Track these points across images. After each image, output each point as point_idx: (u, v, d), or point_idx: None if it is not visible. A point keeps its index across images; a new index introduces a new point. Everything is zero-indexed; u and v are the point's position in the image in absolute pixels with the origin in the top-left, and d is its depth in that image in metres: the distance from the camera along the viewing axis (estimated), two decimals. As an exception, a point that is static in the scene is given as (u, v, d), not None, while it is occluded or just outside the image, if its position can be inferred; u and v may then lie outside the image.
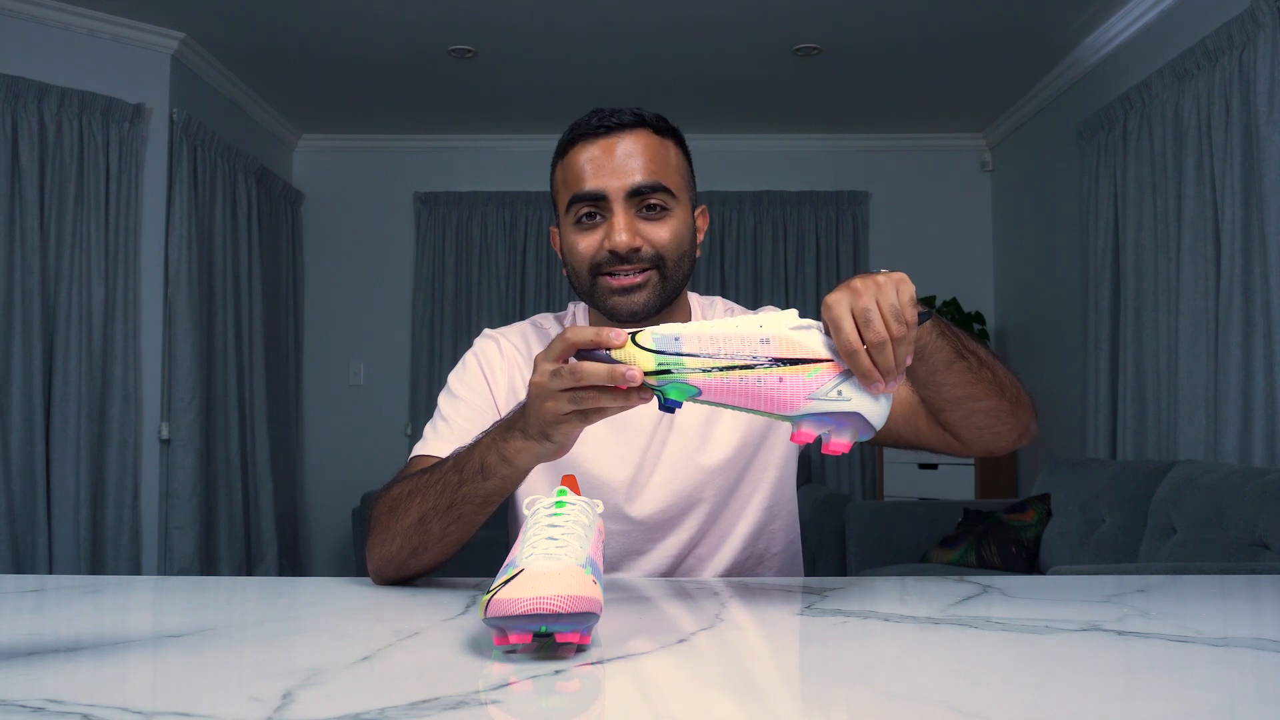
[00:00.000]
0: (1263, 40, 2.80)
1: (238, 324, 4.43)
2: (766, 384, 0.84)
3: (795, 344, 0.84)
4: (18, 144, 3.51)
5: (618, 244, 1.15)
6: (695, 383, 0.84)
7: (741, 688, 0.73)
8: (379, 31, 3.93)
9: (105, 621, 0.98)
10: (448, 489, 1.02)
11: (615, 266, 1.17)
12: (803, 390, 0.84)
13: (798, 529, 1.35)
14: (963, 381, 1.03)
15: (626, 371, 0.84)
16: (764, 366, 0.83)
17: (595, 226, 1.18)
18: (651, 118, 1.21)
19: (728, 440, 1.25)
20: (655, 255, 1.17)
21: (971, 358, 1.03)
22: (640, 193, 1.17)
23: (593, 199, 1.17)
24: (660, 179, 1.18)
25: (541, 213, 5.22)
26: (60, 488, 3.56)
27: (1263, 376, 2.80)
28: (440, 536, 1.05)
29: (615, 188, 1.16)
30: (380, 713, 0.61)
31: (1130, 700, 0.68)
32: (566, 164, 1.21)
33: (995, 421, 1.09)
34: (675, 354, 0.84)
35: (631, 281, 1.17)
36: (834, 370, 0.85)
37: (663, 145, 1.20)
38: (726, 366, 0.83)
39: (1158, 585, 1.20)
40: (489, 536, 1.90)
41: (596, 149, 1.18)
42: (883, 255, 5.26)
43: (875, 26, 3.88)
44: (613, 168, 1.17)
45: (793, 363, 0.84)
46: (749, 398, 0.84)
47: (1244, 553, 2.27)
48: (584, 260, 1.19)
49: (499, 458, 0.98)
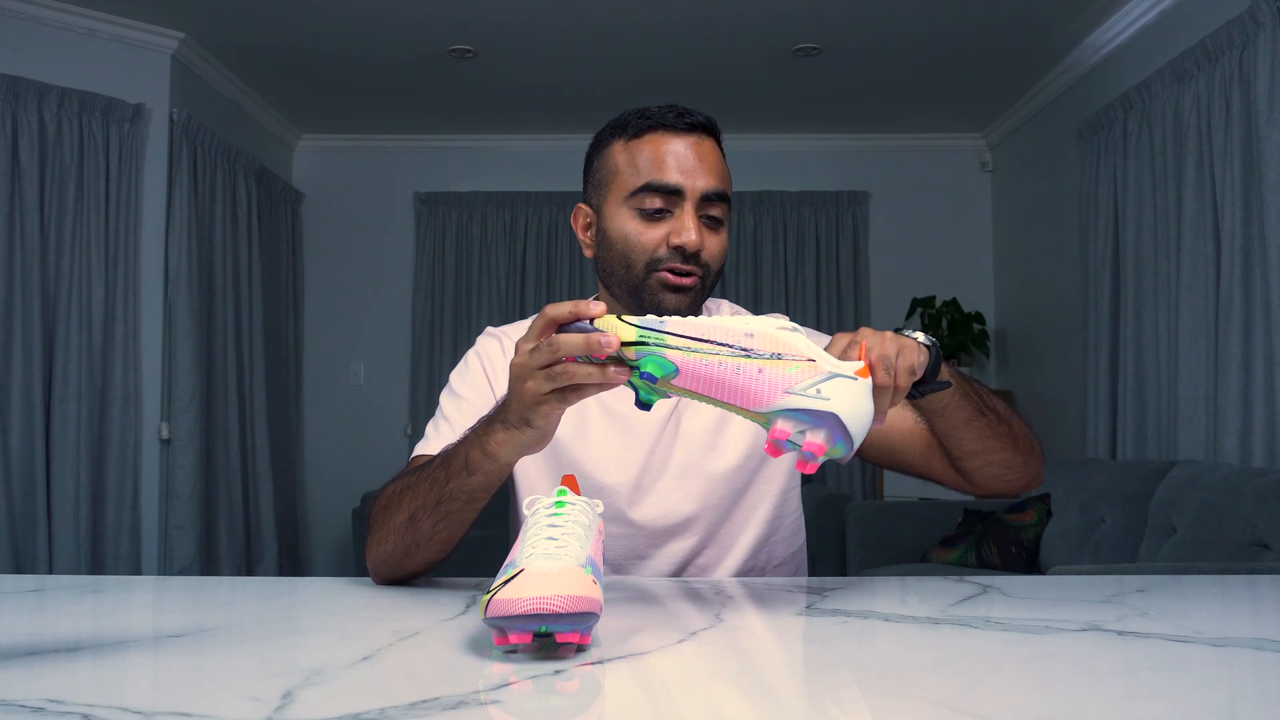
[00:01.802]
0: (1263, 40, 2.80)
1: (238, 324, 4.43)
2: (745, 373, 0.82)
3: (780, 341, 0.84)
4: (18, 144, 3.51)
5: (689, 242, 1.15)
6: (673, 359, 0.83)
7: (742, 688, 0.73)
8: (379, 31, 3.93)
9: (105, 621, 0.98)
10: (435, 485, 1.02)
11: (677, 264, 1.17)
12: (781, 384, 0.82)
13: (803, 538, 1.34)
14: (981, 436, 1.10)
15: (602, 338, 0.84)
16: (744, 355, 0.83)
17: (661, 220, 1.17)
18: (716, 129, 1.22)
19: (734, 448, 1.24)
20: (706, 264, 1.18)
21: (991, 415, 1.09)
22: (709, 199, 1.17)
23: (667, 192, 1.16)
24: (726, 191, 1.19)
25: (541, 213, 5.22)
26: (60, 488, 3.56)
27: (1263, 376, 2.80)
28: (431, 534, 1.04)
29: (693, 188, 1.16)
30: (380, 713, 0.61)
31: (1130, 700, 0.68)
32: (639, 149, 1.18)
33: (1008, 471, 1.14)
34: (657, 330, 0.84)
35: (687, 282, 1.17)
36: (816, 370, 0.83)
37: (724, 159, 1.22)
38: (708, 352, 0.83)
39: (1158, 585, 1.20)
40: (489, 536, 1.89)
41: (680, 144, 1.18)
42: (883, 255, 5.26)
43: (875, 26, 3.88)
44: (693, 167, 1.17)
45: (775, 357, 0.83)
46: (726, 388, 0.83)
47: (1244, 553, 2.27)
48: (643, 252, 1.17)
49: (481, 452, 0.97)
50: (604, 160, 1.22)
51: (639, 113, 1.20)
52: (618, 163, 1.20)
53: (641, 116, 1.20)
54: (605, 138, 1.23)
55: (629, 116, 1.21)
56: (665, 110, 1.19)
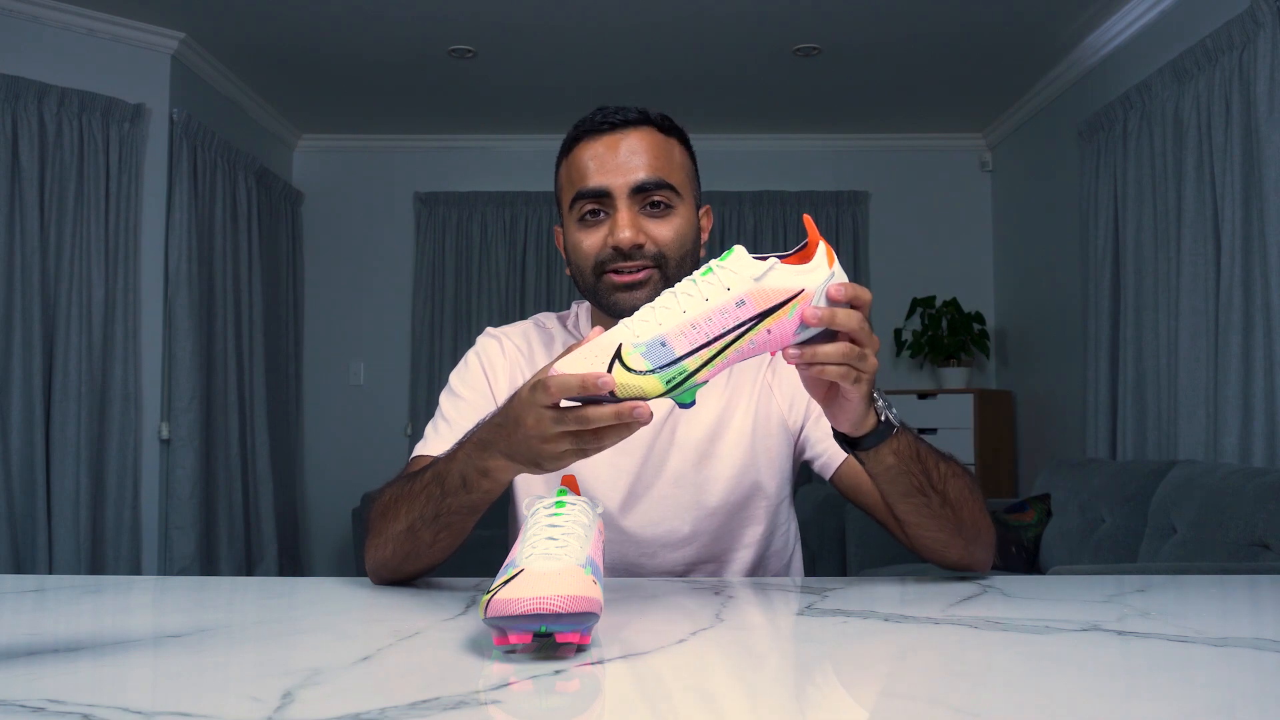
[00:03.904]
0: (1263, 40, 2.80)
1: (238, 324, 4.43)
2: (758, 341, 0.86)
3: (767, 293, 0.85)
4: (18, 144, 3.51)
5: (621, 240, 1.15)
6: (702, 378, 0.85)
7: (742, 688, 0.73)
8: (379, 31, 3.93)
9: (105, 621, 0.98)
10: (431, 500, 1.01)
11: (619, 264, 1.16)
12: (789, 328, 0.87)
13: (796, 545, 1.33)
14: (917, 511, 1.07)
15: (634, 410, 0.82)
16: (751, 328, 0.85)
17: (599, 224, 1.18)
18: (656, 116, 1.21)
19: (729, 458, 1.23)
20: (658, 253, 1.17)
21: (934, 496, 1.05)
22: (644, 189, 1.16)
23: (596, 196, 1.17)
24: (664, 176, 1.17)
25: (541, 213, 5.22)
26: (60, 488, 3.56)
27: (1263, 376, 2.80)
28: (431, 543, 1.04)
29: (619, 184, 1.16)
30: (380, 713, 0.61)
31: (1130, 700, 0.68)
32: (570, 161, 1.20)
33: (944, 550, 1.13)
34: (674, 362, 0.83)
35: (634, 278, 1.16)
36: (807, 299, 0.87)
37: (667, 143, 1.20)
38: (721, 349, 0.84)
39: (1158, 585, 1.20)
40: (489, 536, 1.89)
41: (600, 146, 1.18)
42: (883, 255, 5.26)
43: (875, 26, 3.88)
44: (616, 164, 1.16)
45: (772, 310, 0.85)
46: (745, 356, 0.87)
47: (1244, 553, 2.27)
48: (588, 258, 1.18)
49: (479, 473, 0.96)
50: (556, 180, 1.25)
51: (575, 125, 1.22)
52: (561, 179, 1.23)
53: (574, 128, 1.22)
54: (558, 159, 1.25)
55: (569, 131, 1.23)
56: (593, 115, 1.20)
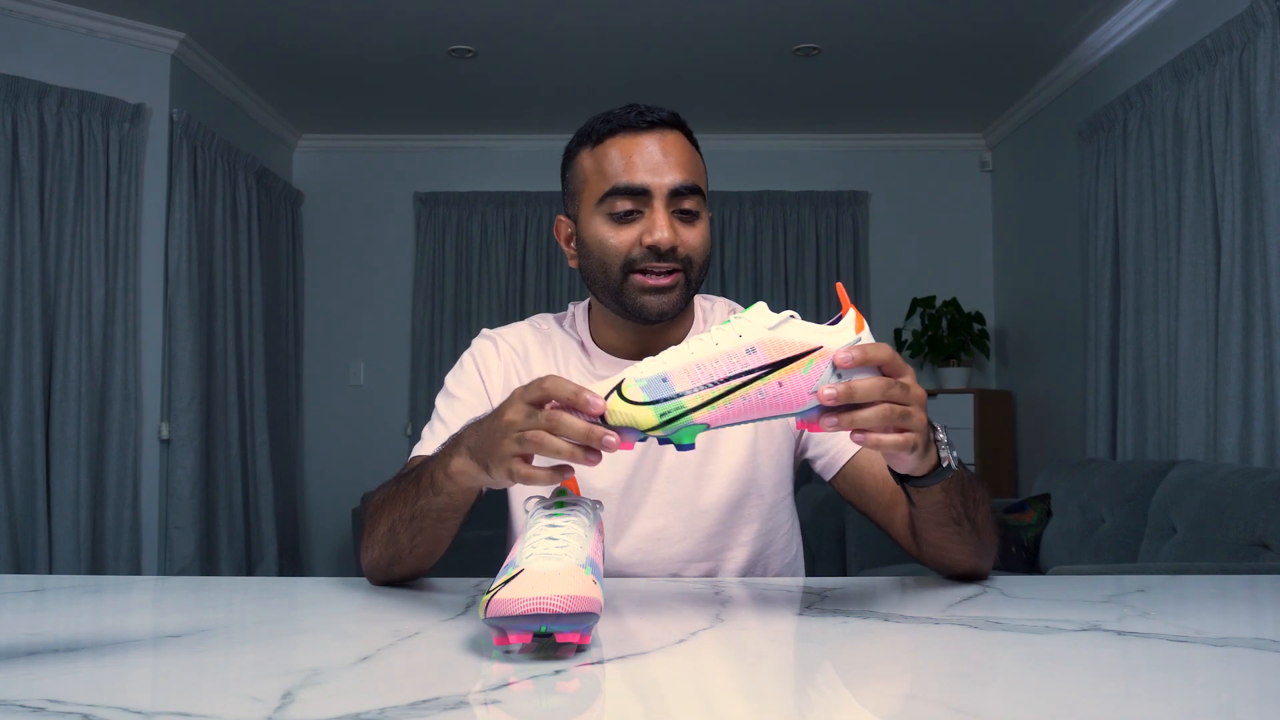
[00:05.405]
0: (1263, 40, 2.80)
1: (238, 324, 4.43)
2: (768, 394, 0.82)
3: (780, 344, 0.82)
4: (18, 144, 3.51)
5: (660, 240, 1.14)
6: (700, 419, 0.82)
7: (742, 688, 0.73)
8: (379, 31, 3.93)
9: (105, 621, 0.98)
10: (409, 500, 1.01)
11: (651, 264, 1.15)
12: (804, 386, 0.82)
13: (798, 546, 1.32)
14: (947, 537, 1.08)
15: (604, 437, 0.81)
16: (760, 377, 0.82)
17: (632, 222, 1.16)
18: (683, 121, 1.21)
19: (726, 458, 1.23)
20: (686, 258, 1.17)
21: (966, 525, 1.06)
22: (679, 193, 1.16)
23: (635, 193, 1.15)
24: (697, 182, 1.17)
25: (541, 212, 5.22)
26: (60, 488, 3.56)
27: (1263, 376, 2.80)
28: (410, 547, 1.04)
29: (659, 184, 1.15)
30: (380, 713, 0.61)
31: (1130, 700, 0.68)
32: (601, 153, 1.18)
33: (956, 566, 1.14)
34: (672, 398, 0.81)
35: (664, 282, 1.16)
36: (826, 357, 0.83)
37: (693, 150, 1.20)
38: (724, 392, 0.81)
39: (1158, 585, 1.20)
40: (489, 536, 1.89)
41: (639, 143, 1.16)
42: (883, 255, 5.26)
43: (875, 27, 3.88)
44: (656, 164, 1.15)
45: (785, 363, 0.82)
46: (753, 411, 0.83)
47: (1244, 553, 2.27)
48: (617, 255, 1.16)
49: (444, 474, 0.95)
50: (574, 170, 1.22)
51: (602, 118, 1.20)
52: (586, 170, 1.20)
53: (604, 121, 1.19)
54: (573, 147, 1.23)
55: (593, 123, 1.20)
56: (626, 110, 1.18)
